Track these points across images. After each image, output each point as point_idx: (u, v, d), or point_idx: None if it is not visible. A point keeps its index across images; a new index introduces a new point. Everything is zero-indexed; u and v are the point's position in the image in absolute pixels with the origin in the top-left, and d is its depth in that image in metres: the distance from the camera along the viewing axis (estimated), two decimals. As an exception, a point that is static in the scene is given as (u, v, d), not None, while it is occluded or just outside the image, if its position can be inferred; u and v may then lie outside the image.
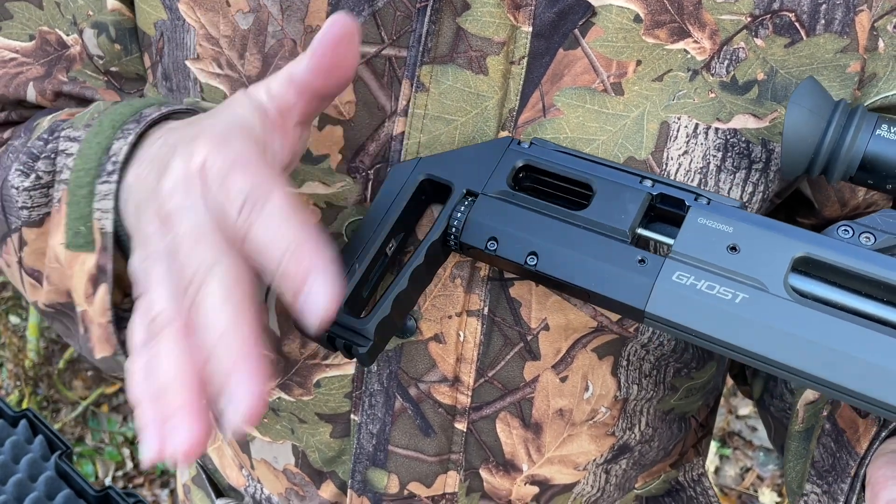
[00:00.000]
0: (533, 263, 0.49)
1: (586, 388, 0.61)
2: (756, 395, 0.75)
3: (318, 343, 0.50)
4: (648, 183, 0.50)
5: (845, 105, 0.49)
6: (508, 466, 0.64)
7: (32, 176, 0.54)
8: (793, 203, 0.67)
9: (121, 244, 0.50)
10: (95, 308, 0.51)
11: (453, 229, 0.51)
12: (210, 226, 0.38)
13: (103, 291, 0.50)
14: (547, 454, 0.63)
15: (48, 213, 0.54)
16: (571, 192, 0.52)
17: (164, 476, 2.15)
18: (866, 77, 0.55)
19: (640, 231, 0.49)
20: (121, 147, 0.49)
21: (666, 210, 0.50)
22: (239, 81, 0.56)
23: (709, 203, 0.48)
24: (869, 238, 0.46)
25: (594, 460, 0.65)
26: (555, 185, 0.52)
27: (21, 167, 0.55)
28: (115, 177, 0.48)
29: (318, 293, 0.36)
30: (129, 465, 2.17)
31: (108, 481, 2.13)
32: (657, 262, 0.46)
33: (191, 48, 0.57)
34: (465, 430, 0.62)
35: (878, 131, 0.48)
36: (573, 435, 0.63)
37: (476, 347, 0.58)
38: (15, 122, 0.68)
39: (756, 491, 2.07)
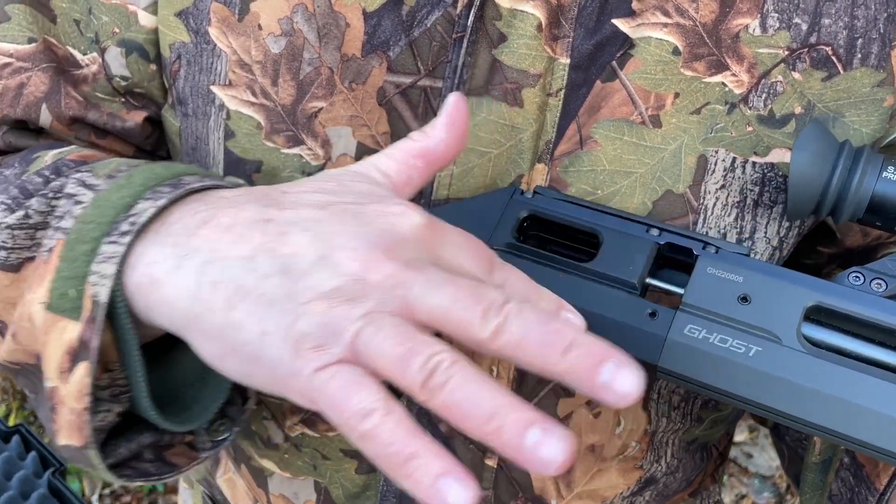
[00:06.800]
0: None
1: (618, 424, 0.60)
2: (770, 423, 0.75)
3: None
4: (655, 232, 0.49)
5: (850, 147, 0.49)
6: (538, 502, 0.62)
7: (20, 213, 0.47)
8: (814, 232, 0.67)
9: (112, 316, 0.43)
10: (70, 389, 0.43)
11: None
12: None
13: (83, 371, 0.42)
14: (576, 489, 0.62)
15: (30, 259, 0.47)
16: (578, 241, 0.51)
17: (151, 495, 2.12)
18: None
19: (649, 280, 0.48)
20: (146, 208, 0.43)
21: (674, 258, 0.49)
22: (274, 111, 0.55)
23: (717, 252, 0.48)
24: (880, 284, 0.46)
25: (621, 494, 0.65)
26: (560, 236, 0.52)
27: (8, 201, 0.49)
28: (127, 238, 0.42)
29: (622, 378, 0.33)
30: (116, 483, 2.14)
31: (94, 499, 2.09)
32: (668, 315, 0.45)
33: (221, 73, 0.55)
34: (495, 466, 0.60)
35: (884, 173, 0.48)
36: (602, 470, 0.62)
37: (509, 384, 0.57)
38: (2, 152, 0.62)
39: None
